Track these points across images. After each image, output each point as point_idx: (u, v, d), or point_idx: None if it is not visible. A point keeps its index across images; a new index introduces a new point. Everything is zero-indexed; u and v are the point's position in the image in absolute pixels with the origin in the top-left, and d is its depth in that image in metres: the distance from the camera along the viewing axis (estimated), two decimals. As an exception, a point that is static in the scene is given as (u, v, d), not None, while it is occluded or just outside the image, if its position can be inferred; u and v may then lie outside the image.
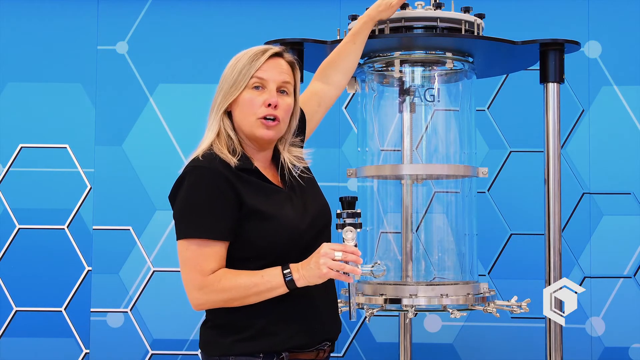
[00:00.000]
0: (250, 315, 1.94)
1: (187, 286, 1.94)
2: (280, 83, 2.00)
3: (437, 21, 2.42)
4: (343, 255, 1.87)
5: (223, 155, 1.95)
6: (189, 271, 1.92)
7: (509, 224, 3.47)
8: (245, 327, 1.94)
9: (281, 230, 1.93)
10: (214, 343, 1.98)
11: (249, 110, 1.98)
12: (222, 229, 1.91)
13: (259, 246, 1.93)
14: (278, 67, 2.01)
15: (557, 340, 2.46)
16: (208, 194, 1.91)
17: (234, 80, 1.99)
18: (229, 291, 1.90)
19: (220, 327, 1.97)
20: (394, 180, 2.64)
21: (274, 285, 1.90)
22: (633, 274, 3.42)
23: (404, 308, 2.36)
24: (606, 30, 3.48)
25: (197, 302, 1.93)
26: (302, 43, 2.52)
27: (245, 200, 1.92)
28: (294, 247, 1.94)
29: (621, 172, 3.45)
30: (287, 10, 3.56)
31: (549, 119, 2.51)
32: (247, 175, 1.96)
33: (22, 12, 3.61)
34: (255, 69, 1.98)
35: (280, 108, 1.99)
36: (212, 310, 1.99)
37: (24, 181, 3.56)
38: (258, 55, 2.00)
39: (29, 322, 3.51)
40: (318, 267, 1.87)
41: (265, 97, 1.97)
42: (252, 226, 1.92)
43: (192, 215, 1.91)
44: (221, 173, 1.92)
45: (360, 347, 3.47)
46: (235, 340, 1.94)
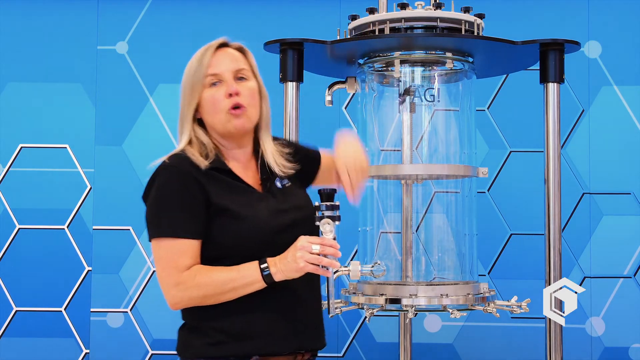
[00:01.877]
0: (223, 318, 1.91)
1: (163, 285, 1.91)
2: (234, 71, 1.97)
3: (437, 21, 2.42)
4: (321, 248, 1.84)
5: (194, 157, 1.93)
6: (164, 269, 1.90)
7: (509, 224, 3.47)
8: (218, 331, 1.91)
9: (251, 230, 1.90)
10: (187, 346, 1.96)
11: (213, 108, 1.96)
12: (195, 227, 1.89)
13: (227, 245, 1.90)
14: (227, 57, 1.99)
15: (557, 340, 2.46)
16: (178, 193, 1.89)
17: (191, 85, 1.97)
18: (205, 287, 1.88)
19: (194, 329, 1.95)
20: (394, 180, 2.64)
21: (250, 280, 1.87)
22: (633, 274, 3.42)
23: (404, 308, 2.36)
24: (606, 30, 3.48)
25: (174, 300, 1.90)
26: (302, 43, 2.52)
27: (213, 199, 1.90)
28: (266, 249, 1.90)
29: (621, 172, 3.45)
30: (287, 10, 3.56)
31: (549, 119, 2.51)
32: (218, 174, 1.94)
33: (22, 12, 3.61)
34: (205, 67, 1.96)
35: (243, 94, 1.96)
36: (187, 313, 1.97)
37: (24, 181, 3.56)
38: (203, 53, 1.99)
39: (29, 322, 3.51)
40: (295, 260, 1.84)
41: (225, 89, 1.95)
42: (220, 225, 1.90)
43: (164, 214, 1.90)
44: (189, 172, 1.90)
45: (360, 347, 3.47)
46: (207, 343, 1.91)
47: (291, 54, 2.52)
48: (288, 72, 2.52)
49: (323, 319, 2.06)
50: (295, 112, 2.52)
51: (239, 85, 1.97)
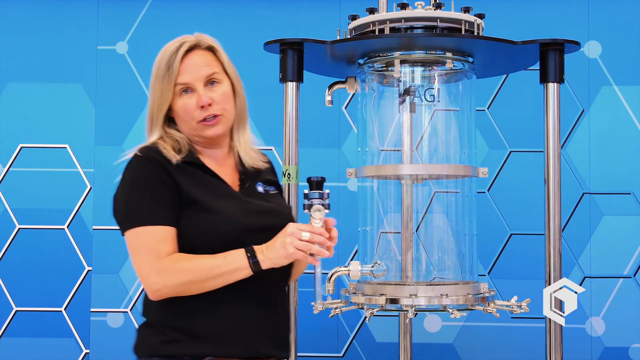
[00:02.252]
0: (181, 317, 1.87)
1: (142, 272, 1.86)
2: (205, 78, 1.94)
3: (437, 21, 2.42)
4: (310, 236, 1.82)
5: (165, 151, 1.90)
6: (143, 256, 1.85)
7: (509, 224, 3.47)
8: (174, 329, 1.88)
9: (219, 225, 1.87)
10: (143, 343, 1.92)
11: (187, 117, 1.93)
12: (171, 214, 1.86)
13: (195, 239, 1.87)
14: (198, 63, 1.95)
15: (557, 340, 2.46)
16: (151, 182, 1.86)
17: (160, 91, 1.93)
18: (189, 272, 1.83)
19: (151, 326, 1.91)
20: (394, 180, 2.64)
21: (237, 267, 1.84)
22: (633, 274, 3.42)
23: (404, 308, 2.36)
24: (606, 30, 3.48)
25: (155, 287, 1.85)
26: (302, 43, 2.52)
27: (184, 189, 1.87)
28: (234, 247, 1.87)
29: (621, 172, 3.45)
30: (287, 10, 3.56)
31: (549, 119, 2.51)
32: (191, 168, 1.91)
33: (22, 13, 3.61)
34: (174, 75, 1.92)
35: (216, 102, 1.93)
36: (147, 309, 1.94)
37: (24, 181, 3.56)
38: (172, 57, 1.93)
39: (29, 322, 3.51)
40: (284, 246, 1.82)
41: (196, 100, 1.92)
42: (189, 217, 1.87)
43: (138, 204, 1.86)
44: (159, 162, 1.87)
45: (360, 347, 3.47)
46: (163, 341, 1.88)
47: (291, 54, 2.52)
48: (288, 72, 2.52)
49: (290, 329, 2.03)
50: (295, 112, 2.51)
51: (211, 91, 1.93)
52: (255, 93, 3.49)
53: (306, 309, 2.57)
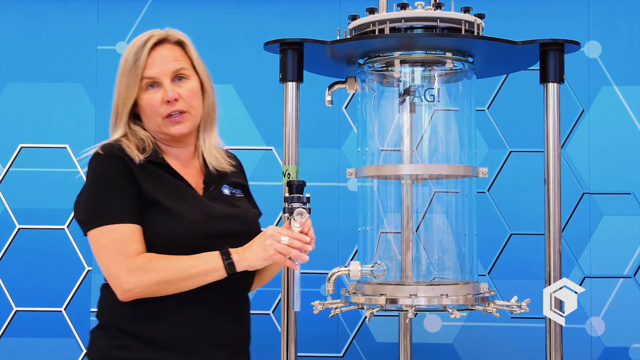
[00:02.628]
0: (134, 320, 1.83)
1: (111, 273, 1.80)
2: (172, 73, 1.89)
3: (437, 21, 2.42)
4: (290, 240, 1.80)
5: (128, 149, 1.85)
6: (111, 256, 1.79)
7: (509, 224, 3.47)
8: (125, 333, 1.83)
9: (180, 228, 1.83)
10: (94, 347, 1.88)
11: (152, 112, 1.88)
12: (135, 212, 1.81)
13: (155, 241, 1.82)
14: (166, 57, 1.90)
15: (557, 340, 2.46)
16: (113, 179, 1.82)
17: (126, 85, 1.88)
18: (163, 272, 1.78)
19: (103, 329, 1.87)
20: (394, 180, 2.64)
21: (211, 268, 1.79)
22: (633, 274, 3.42)
23: (404, 308, 2.36)
24: (606, 30, 3.48)
25: (127, 287, 1.79)
26: (302, 43, 2.52)
27: (145, 190, 1.82)
28: (196, 250, 1.82)
29: (621, 172, 3.44)
30: (287, 10, 3.56)
31: (549, 119, 2.51)
32: (154, 167, 1.86)
33: (22, 12, 3.60)
34: (141, 69, 1.87)
35: (183, 98, 1.88)
36: (100, 311, 1.89)
37: (24, 181, 3.56)
38: (139, 50, 1.87)
39: (29, 322, 3.51)
40: (263, 248, 1.78)
41: (162, 95, 1.87)
42: (149, 219, 1.82)
43: (103, 202, 1.81)
44: (121, 159, 1.83)
45: (360, 347, 3.47)
46: (113, 345, 1.83)
47: (291, 54, 2.52)
48: (288, 72, 2.52)
49: (249, 342, 1.96)
50: (295, 112, 2.51)
51: (179, 87, 1.89)
52: (255, 93, 3.52)
53: (306, 309, 2.57)
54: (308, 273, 3.34)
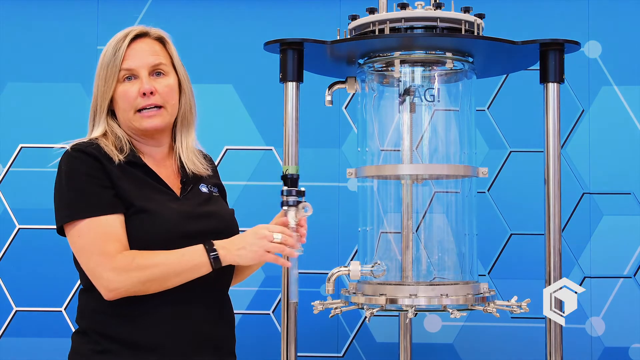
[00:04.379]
0: (115, 324, 1.80)
1: (94, 273, 1.77)
2: (150, 67, 1.87)
3: (437, 21, 2.42)
4: (283, 237, 1.76)
5: (107, 148, 1.82)
6: (92, 257, 1.76)
7: (509, 224, 3.47)
8: (107, 338, 1.80)
9: (156, 229, 1.80)
10: (75, 351, 1.86)
11: (125, 104, 1.85)
12: (107, 199, 1.77)
13: (133, 240, 1.79)
14: (145, 50, 1.88)
15: (557, 340, 2.46)
16: (85, 173, 1.79)
17: (104, 77, 1.86)
18: (147, 269, 1.74)
19: (84, 334, 1.84)
20: (394, 180, 2.64)
21: (197, 264, 1.75)
22: (633, 274, 3.42)
23: (404, 308, 2.36)
24: (606, 30, 3.48)
25: (112, 286, 1.74)
26: (302, 43, 2.52)
27: (119, 190, 1.79)
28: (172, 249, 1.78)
29: (621, 172, 3.44)
30: (287, 10, 3.56)
31: (549, 119, 2.51)
32: (132, 169, 1.83)
33: (22, 12, 3.60)
34: (119, 59, 1.85)
35: (159, 93, 1.86)
36: (81, 315, 1.86)
37: (24, 181, 3.56)
38: (119, 43, 1.87)
39: (29, 322, 3.51)
40: (255, 248, 1.74)
41: (139, 87, 1.84)
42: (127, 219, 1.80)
43: (74, 198, 1.78)
44: (94, 154, 1.80)
45: (360, 347, 3.47)
46: (95, 350, 1.80)
47: (291, 54, 2.52)
48: (288, 72, 2.52)
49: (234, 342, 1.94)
50: (295, 112, 2.51)
51: (155, 82, 1.87)
52: (255, 93, 3.52)
53: (306, 309, 2.57)
54: (308, 273, 3.34)
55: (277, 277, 2.28)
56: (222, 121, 3.49)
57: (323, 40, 2.49)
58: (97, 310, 1.82)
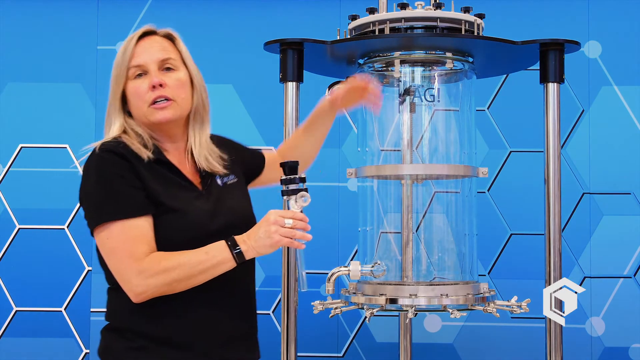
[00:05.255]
0: (149, 322, 1.83)
1: (121, 276, 1.80)
2: (159, 61, 1.89)
3: (437, 21, 2.42)
4: (293, 222, 1.80)
5: (134, 147, 1.84)
6: (120, 259, 1.79)
7: (509, 224, 3.47)
8: (141, 336, 1.83)
9: (184, 226, 1.83)
10: (109, 348, 1.87)
11: (138, 100, 1.88)
12: (138, 201, 1.79)
13: (162, 242, 1.81)
14: (153, 46, 1.90)
15: (557, 340, 2.46)
16: (114, 173, 1.80)
17: (115, 76, 1.90)
18: (173, 271, 1.77)
19: (118, 331, 1.86)
20: (394, 180, 2.64)
21: (221, 260, 1.79)
22: (633, 274, 3.42)
23: (404, 308, 2.36)
24: (606, 30, 3.48)
25: (139, 290, 1.79)
26: (302, 43, 2.52)
27: (149, 189, 1.81)
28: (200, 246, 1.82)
29: (621, 172, 3.45)
30: (287, 10, 3.56)
31: (549, 119, 2.51)
32: (158, 167, 1.86)
33: (22, 12, 3.61)
34: (128, 58, 1.88)
35: (169, 86, 1.87)
36: (111, 314, 1.89)
37: (24, 181, 3.56)
38: (128, 42, 1.90)
39: (29, 322, 3.51)
40: (269, 235, 1.79)
41: (149, 81, 1.87)
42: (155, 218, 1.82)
43: (105, 199, 1.80)
44: (124, 155, 1.81)
45: (360, 347, 3.47)
46: (129, 347, 1.83)
47: (291, 54, 2.52)
48: (288, 72, 2.52)
49: (257, 330, 1.98)
50: (295, 112, 2.52)
51: (165, 76, 1.88)
52: (255, 93, 3.52)
53: (306, 309, 2.57)
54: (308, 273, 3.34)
55: (277, 277, 2.28)
56: (222, 121, 3.48)
57: (323, 40, 2.49)
58: (132, 309, 1.84)
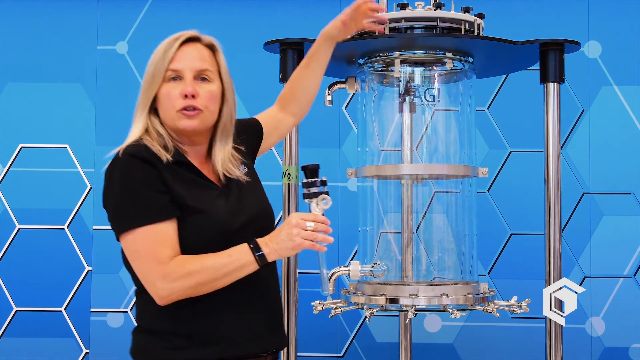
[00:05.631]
0: (180, 321, 1.85)
1: (146, 279, 1.83)
2: (196, 71, 1.90)
3: (437, 21, 2.42)
4: (315, 225, 1.83)
5: (154, 148, 1.85)
6: (145, 263, 1.82)
7: (509, 224, 3.47)
8: (176, 335, 1.85)
9: (209, 226, 1.85)
10: (144, 349, 1.89)
11: (167, 104, 1.89)
12: (163, 205, 1.81)
13: (187, 243, 1.83)
14: (193, 54, 1.92)
15: (557, 340, 2.46)
16: (139, 178, 1.82)
17: (152, 75, 1.90)
18: (197, 275, 1.80)
19: (151, 332, 1.88)
20: (394, 180, 2.64)
21: (244, 263, 1.82)
22: (633, 274, 3.42)
23: (404, 308, 2.36)
24: (606, 30, 3.48)
25: (163, 293, 1.81)
26: (302, 43, 2.52)
27: (173, 191, 1.83)
28: (224, 247, 1.85)
29: (621, 172, 3.45)
30: (287, 10, 3.56)
31: (549, 119, 2.51)
32: (179, 168, 1.87)
33: (22, 12, 3.61)
34: (168, 60, 1.89)
35: (201, 97, 1.89)
36: (143, 315, 1.91)
37: (24, 181, 3.56)
38: (170, 44, 1.91)
39: (29, 322, 3.51)
40: (291, 238, 1.81)
41: (182, 88, 1.88)
42: (180, 221, 1.83)
43: (130, 205, 1.82)
44: (147, 159, 1.83)
45: (360, 347, 3.47)
46: (166, 347, 1.85)
47: (291, 54, 2.52)
48: (288, 72, 2.52)
49: (282, 319, 2.03)
50: (295, 112, 2.51)
51: (199, 86, 1.90)
52: (256, 93, 3.52)
53: (306, 309, 2.57)
54: (308, 273, 3.34)
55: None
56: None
57: (323, 40, 2.49)
58: (162, 310, 1.86)
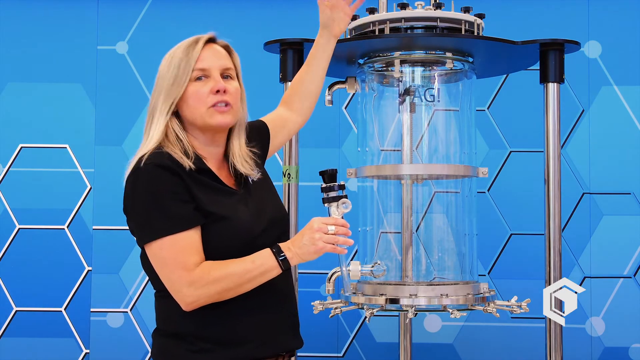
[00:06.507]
0: (203, 325, 1.88)
1: (173, 286, 1.86)
2: (222, 69, 1.94)
3: (437, 21, 2.42)
4: (336, 228, 1.87)
5: (176, 155, 1.87)
6: (172, 271, 1.85)
7: (509, 224, 3.47)
8: (199, 337, 1.88)
9: (234, 232, 1.88)
10: (167, 352, 1.92)
11: (197, 102, 1.91)
12: (189, 214, 1.84)
13: (210, 249, 1.86)
14: (216, 54, 1.95)
15: (557, 340, 2.46)
16: (165, 188, 1.84)
17: (174, 77, 1.92)
18: (222, 281, 1.84)
19: (173, 336, 1.91)
20: (394, 180, 2.64)
21: (267, 268, 1.85)
22: (633, 274, 3.42)
23: (404, 308, 2.36)
24: (606, 30, 3.48)
25: (190, 300, 1.85)
26: (302, 43, 2.52)
27: (197, 198, 1.86)
28: (247, 251, 1.88)
29: (621, 172, 3.45)
30: (287, 10, 3.56)
31: (549, 119, 2.51)
32: (199, 176, 1.89)
33: (22, 12, 3.61)
34: (194, 60, 1.92)
35: (229, 92, 1.93)
36: (164, 319, 1.94)
37: (24, 181, 3.56)
38: (192, 45, 1.94)
39: (29, 322, 3.51)
40: (313, 242, 1.85)
41: (212, 85, 1.91)
42: (203, 228, 1.86)
43: (156, 216, 1.84)
44: (173, 169, 1.85)
45: (360, 347, 3.47)
46: (191, 350, 1.88)
47: (291, 54, 2.52)
48: (288, 72, 2.52)
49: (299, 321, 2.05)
50: (295, 112, 2.51)
51: (226, 82, 1.94)
52: (255, 93, 3.52)
53: (306, 309, 2.57)
54: (308, 273, 3.35)
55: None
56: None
57: (323, 40, 2.49)
58: (184, 313, 1.89)
